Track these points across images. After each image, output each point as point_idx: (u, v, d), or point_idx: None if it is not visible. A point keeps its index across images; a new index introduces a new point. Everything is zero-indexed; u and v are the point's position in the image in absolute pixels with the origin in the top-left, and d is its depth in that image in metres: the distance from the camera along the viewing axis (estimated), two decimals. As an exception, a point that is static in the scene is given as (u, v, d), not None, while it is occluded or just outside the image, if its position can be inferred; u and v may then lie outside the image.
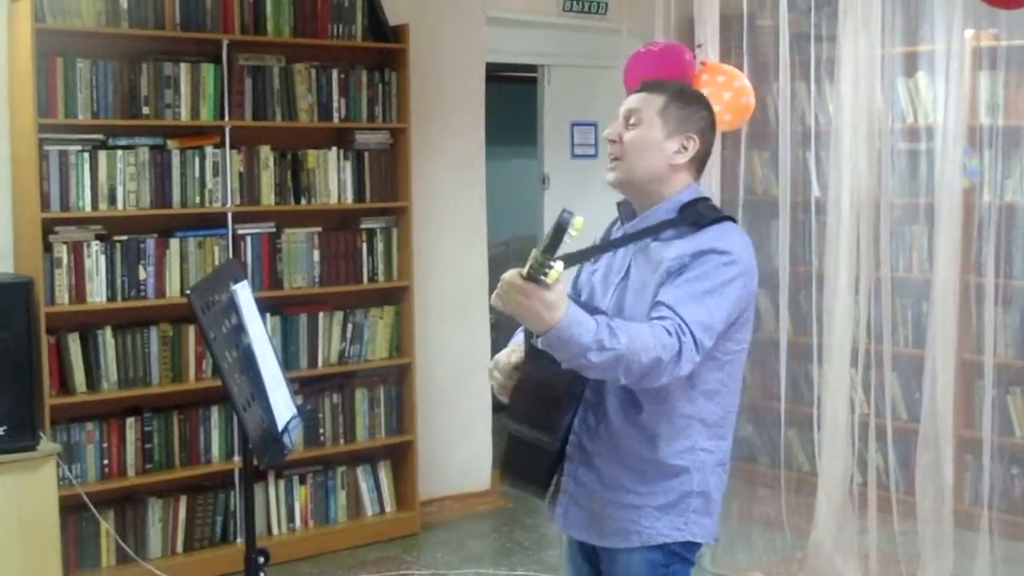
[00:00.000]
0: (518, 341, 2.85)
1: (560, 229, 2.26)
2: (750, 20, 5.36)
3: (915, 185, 5.67)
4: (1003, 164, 5.46)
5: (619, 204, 2.90)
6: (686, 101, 2.78)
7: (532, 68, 7.27)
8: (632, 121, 2.76)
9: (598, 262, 2.92)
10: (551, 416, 2.71)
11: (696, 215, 2.70)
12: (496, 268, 6.47)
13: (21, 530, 4.39)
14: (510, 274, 2.39)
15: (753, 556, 5.47)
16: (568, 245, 2.31)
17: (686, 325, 2.50)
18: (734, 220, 2.77)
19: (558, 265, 2.31)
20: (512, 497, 6.26)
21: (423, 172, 5.99)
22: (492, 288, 2.46)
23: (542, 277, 2.32)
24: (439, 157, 6.14)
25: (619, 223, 2.93)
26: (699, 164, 2.81)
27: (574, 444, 2.78)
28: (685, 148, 2.75)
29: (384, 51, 5.75)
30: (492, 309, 6.61)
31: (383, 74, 5.72)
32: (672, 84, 2.85)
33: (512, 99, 8.01)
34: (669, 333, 2.48)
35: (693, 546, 2.76)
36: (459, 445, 6.27)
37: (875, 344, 5.05)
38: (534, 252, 2.34)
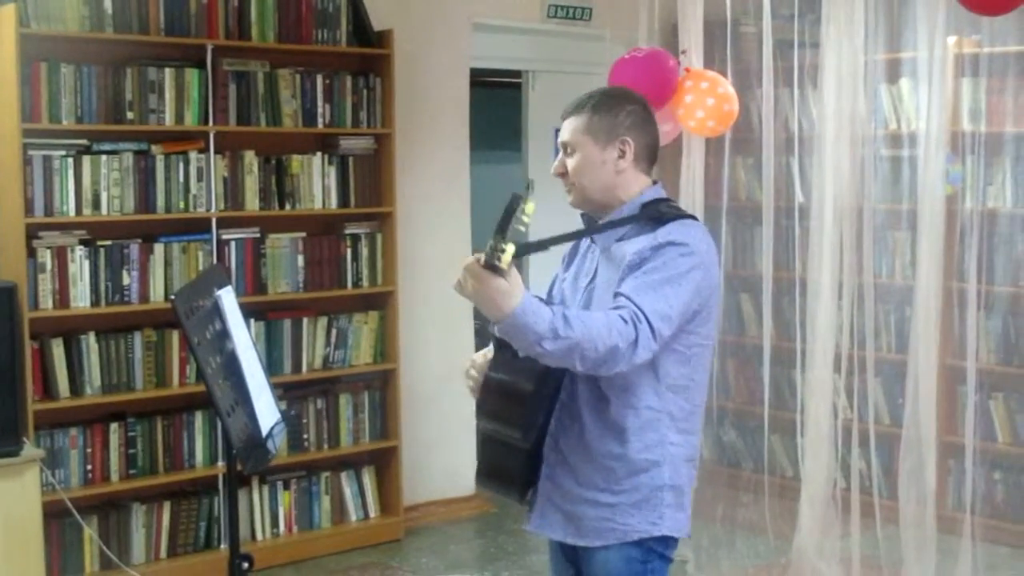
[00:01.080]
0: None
1: (509, 211, 2.38)
2: (734, 26, 5.38)
3: (898, 191, 5.70)
4: (985, 170, 5.49)
5: (583, 215, 2.95)
6: (606, 109, 2.82)
7: (516, 74, 7.27)
8: (569, 150, 2.85)
9: (568, 269, 2.98)
10: (516, 413, 2.74)
11: (657, 213, 2.76)
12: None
13: (4, 536, 4.38)
14: (468, 260, 2.46)
15: (737, 561, 5.48)
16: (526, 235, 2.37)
17: (642, 313, 2.55)
18: (695, 218, 2.83)
19: (509, 248, 2.38)
20: (496, 502, 6.26)
21: (408, 177, 5.98)
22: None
23: (496, 262, 2.39)
24: (424, 162, 6.14)
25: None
26: (647, 158, 2.86)
27: (550, 445, 2.82)
28: (623, 152, 2.80)
29: (369, 56, 5.75)
30: (476, 315, 6.62)
31: (367, 79, 5.73)
32: (590, 97, 2.88)
33: (497, 104, 8.00)
34: (625, 321, 2.53)
35: (670, 541, 2.80)
36: (443, 450, 6.27)
37: (858, 350, 5.07)
38: (490, 241, 2.40)
